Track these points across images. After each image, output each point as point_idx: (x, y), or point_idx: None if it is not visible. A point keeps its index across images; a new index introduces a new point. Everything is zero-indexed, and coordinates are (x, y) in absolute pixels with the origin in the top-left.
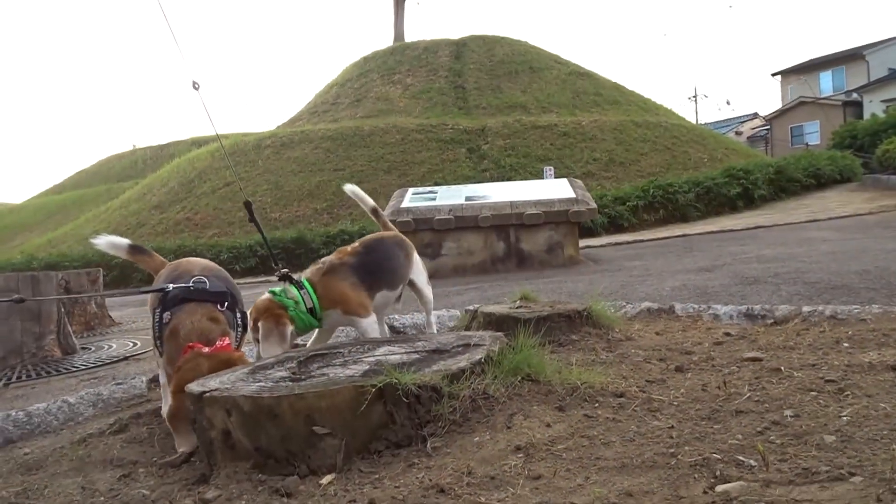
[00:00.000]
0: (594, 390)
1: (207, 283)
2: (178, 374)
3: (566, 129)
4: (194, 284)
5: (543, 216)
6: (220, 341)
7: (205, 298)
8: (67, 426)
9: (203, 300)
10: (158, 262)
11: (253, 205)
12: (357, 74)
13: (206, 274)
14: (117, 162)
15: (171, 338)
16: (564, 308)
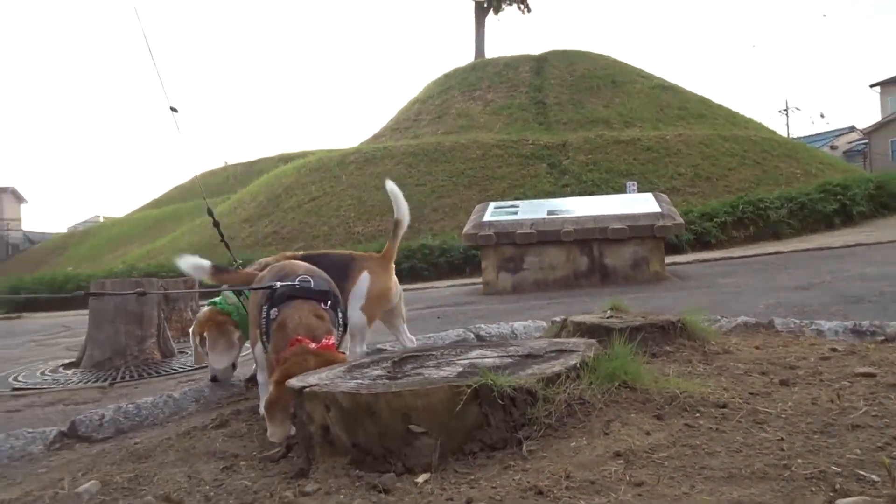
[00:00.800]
0: (694, 400)
1: (312, 282)
2: (283, 366)
3: (650, 144)
4: (300, 283)
5: (628, 231)
6: (325, 339)
7: (309, 296)
8: (172, 419)
9: (308, 297)
10: (247, 274)
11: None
12: (438, 91)
13: (310, 274)
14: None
15: (279, 330)
16: (658, 319)
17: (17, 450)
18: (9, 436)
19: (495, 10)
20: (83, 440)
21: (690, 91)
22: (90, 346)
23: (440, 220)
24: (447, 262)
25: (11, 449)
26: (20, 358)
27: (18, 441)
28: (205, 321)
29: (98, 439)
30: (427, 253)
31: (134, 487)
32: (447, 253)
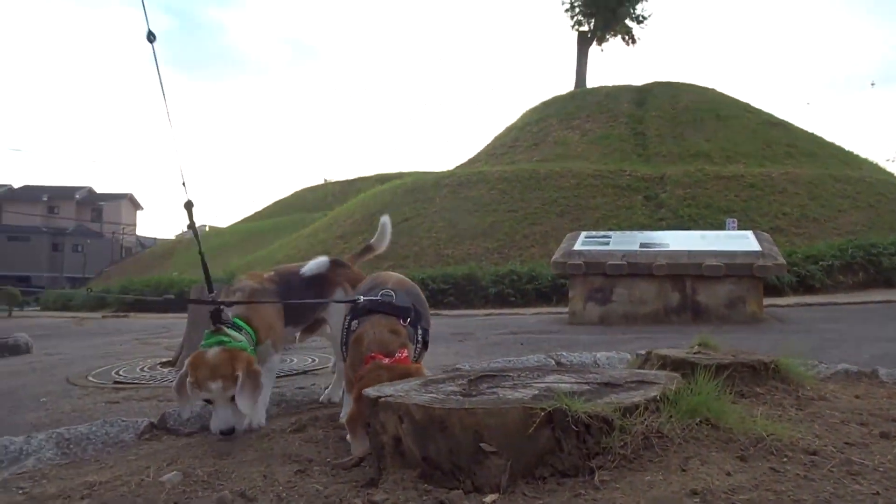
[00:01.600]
0: (782, 444)
1: (395, 296)
2: (359, 383)
3: (753, 181)
4: (382, 297)
5: (724, 268)
6: (399, 353)
7: (390, 311)
8: None
9: (388, 313)
10: (356, 275)
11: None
12: (536, 119)
13: (396, 288)
14: (310, 194)
15: (355, 344)
16: (748, 358)
17: (112, 436)
18: (105, 423)
19: (599, 41)
20: (171, 433)
21: (800, 128)
22: (186, 346)
23: (530, 248)
24: (535, 289)
25: (106, 435)
26: (124, 354)
27: (113, 428)
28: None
29: (184, 433)
30: (515, 279)
31: (212, 482)
32: (535, 280)
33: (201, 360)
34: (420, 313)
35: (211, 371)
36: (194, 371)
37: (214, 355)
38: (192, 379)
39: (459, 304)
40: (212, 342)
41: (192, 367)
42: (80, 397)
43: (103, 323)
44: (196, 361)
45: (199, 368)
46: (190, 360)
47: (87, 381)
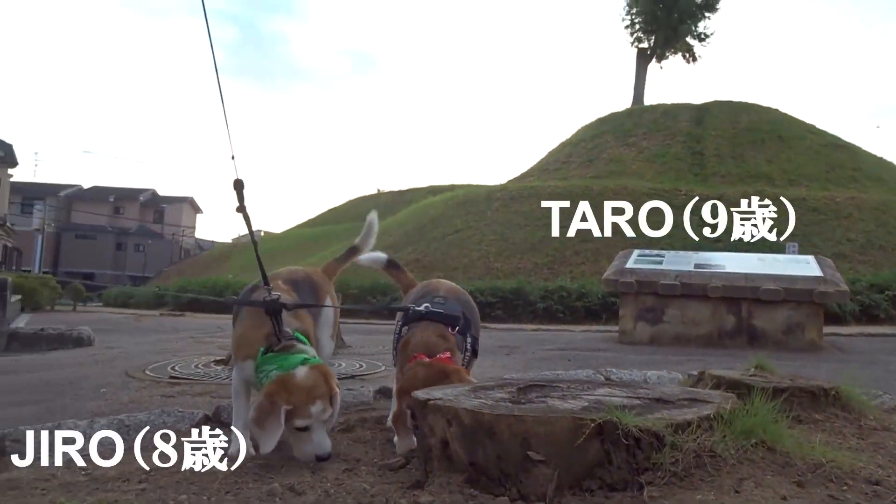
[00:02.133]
0: (842, 471)
1: (446, 304)
2: (400, 380)
3: (816, 205)
4: (433, 307)
5: (783, 293)
6: (441, 355)
7: (439, 319)
8: None
9: (438, 321)
10: (409, 280)
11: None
12: (591, 135)
13: (448, 296)
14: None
15: (403, 349)
16: (807, 383)
17: (168, 426)
18: (162, 412)
19: (659, 59)
20: (224, 426)
21: (868, 151)
22: None
23: (581, 264)
24: (584, 306)
25: (163, 424)
26: (179, 351)
27: (170, 418)
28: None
29: None
30: (564, 295)
31: (263, 474)
32: (585, 297)
33: (293, 383)
34: (470, 322)
35: (308, 394)
36: (288, 396)
37: (307, 376)
38: (287, 406)
39: (507, 318)
40: (296, 361)
41: (284, 392)
42: (138, 389)
43: (161, 321)
44: (287, 385)
45: (294, 393)
46: (276, 385)
47: (145, 374)
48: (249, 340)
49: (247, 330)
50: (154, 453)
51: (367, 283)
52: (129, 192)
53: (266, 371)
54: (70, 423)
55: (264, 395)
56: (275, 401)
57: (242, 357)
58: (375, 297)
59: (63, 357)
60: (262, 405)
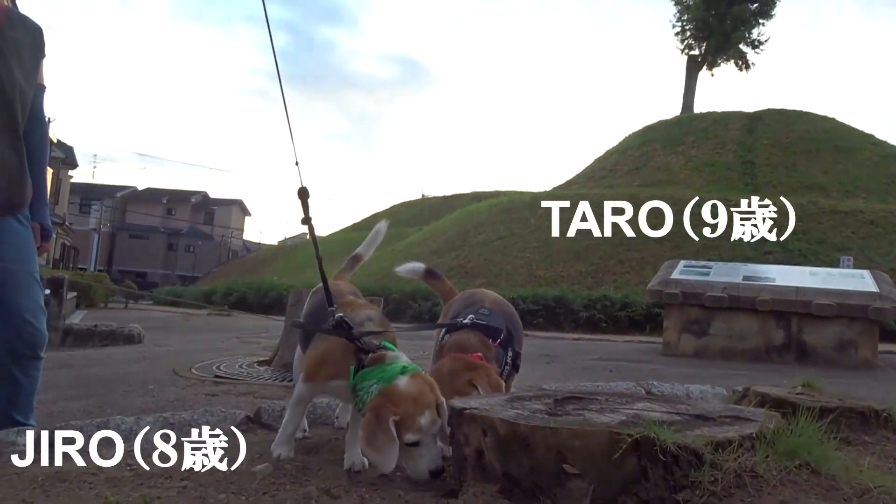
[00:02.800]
0: (891, 498)
1: (490, 315)
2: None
3: (874, 218)
4: (478, 317)
5: (836, 308)
6: (475, 353)
7: (482, 331)
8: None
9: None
10: (448, 288)
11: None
12: (639, 143)
13: (492, 308)
14: (407, 209)
15: (440, 353)
16: (857, 404)
17: (211, 425)
18: (206, 411)
19: (710, 66)
20: (265, 427)
21: None
22: (283, 348)
23: (625, 273)
24: (627, 316)
25: (206, 423)
26: (225, 350)
27: (213, 417)
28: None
29: (276, 428)
30: (608, 305)
31: (300, 476)
32: (628, 307)
33: (397, 393)
34: (512, 335)
35: (415, 403)
36: (394, 408)
37: (410, 385)
38: (394, 417)
39: (549, 326)
40: (395, 371)
41: (390, 405)
42: (183, 387)
43: (208, 320)
44: (391, 397)
45: (400, 403)
46: (380, 398)
47: (191, 373)
48: (335, 359)
49: (332, 348)
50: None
51: (408, 288)
52: (182, 194)
53: (365, 388)
54: (118, 420)
55: (369, 412)
56: (381, 414)
57: (327, 377)
58: (417, 302)
59: (114, 353)
60: (369, 423)
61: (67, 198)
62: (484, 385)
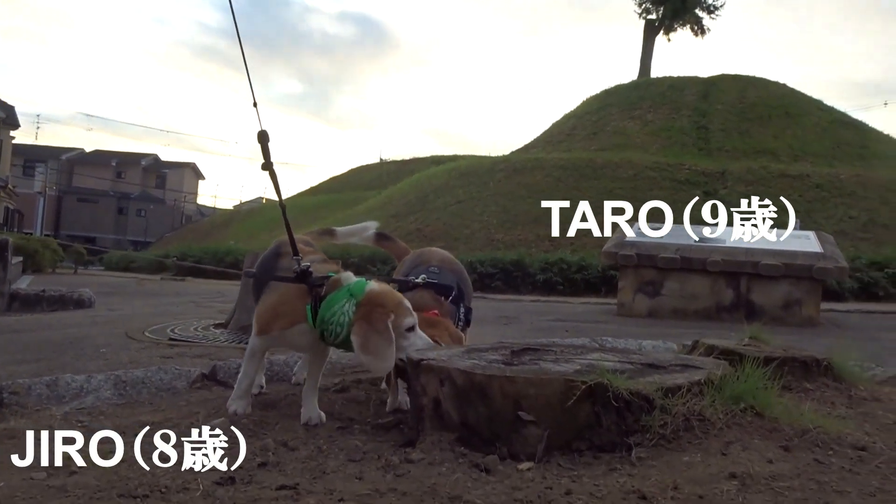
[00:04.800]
0: (829, 437)
1: (439, 274)
2: None
3: (820, 182)
4: (429, 276)
5: (783, 268)
6: (432, 311)
7: (434, 289)
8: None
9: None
10: (402, 249)
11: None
12: (597, 107)
13: (441, 266)
14: (366, 172)
15: None
16: (800, 353)
17: (165, 382)
18: (160, 369)
19: (667, 30)
20: (220, 384)
21: (876, 129)
22: (239, 310)
23: (582, 237)
24: (584, 279)
25: (160, 381)
26: (180, 314)
27: (167, 375)
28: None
29: (232, 385)
30: (564, 267)
31: (257, 430)
32: (584, 270)
33: (380, 294)
34: (463, 292)
35: (396, 298)
36: (384, 308)
37: (382, 288)
38: (391, 316)
39: (507, 289)
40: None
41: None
42: (137, 350)
43: (162, 285)
44: (376, 299)
45: (387, 303)
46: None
47: (144, 336)
48: (290, 306)
49: (284, 295)
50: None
51: (367, 252)
52: (132, 157)
53: (338, 310)
54: (68, 378)
55: (361, 320)
56: (374, 316)
57: (284, 325)
58: (375, 266)
59: (64, 318)
60: (362, 329)
61: (10, 160)
62: (446, 340)
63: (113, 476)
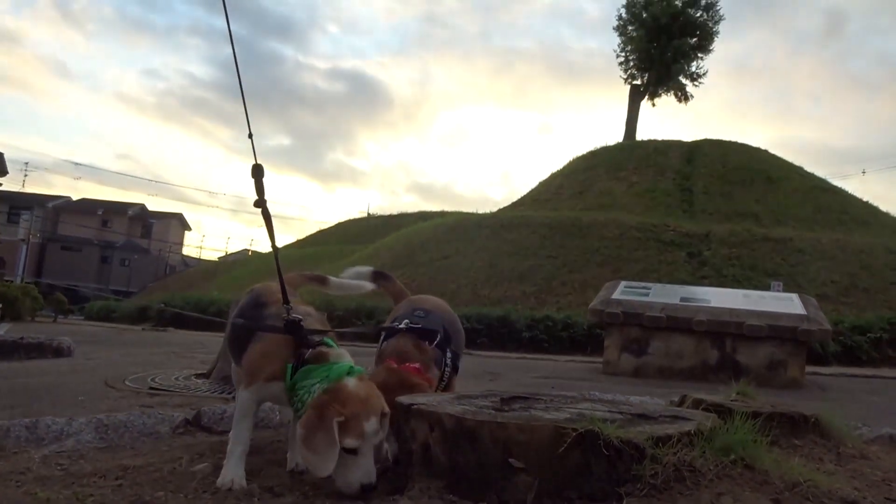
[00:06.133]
0: (819, 491)
1: (426, 318)
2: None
3: (802, 246)
4: (413, 321)
5: (767, 329)
6: (411, 364)
7: (418, 334)
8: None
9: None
10: (398, 289)
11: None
12: (583, 168)
13: (432, 311)
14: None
15: (378, 359)
16: (788, 409)
17: (148, 427)
18: (142, 414)
19: (651, 96)
20: (204, 430)
21: (855, 196)
22: (222, 360)
23: (568, 295)
24: (569, 337)
25: (143, 425)
26: (161, 364)
27: (150, 420)
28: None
29: (217, 431)
30: (550, 325)
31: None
32: (571, 328)
33: (345, 393)
34: (451, 336)
35: (363, 406)
36: (340, 408)
37: (359, 387)
38: (339, 418)
39: (492, 345)
40: (343, 370)
41: (336, 404)
42: (116, 399)
43: (143, 335)
44: (338, 396)
45: (347, 404)
46: (326, 396)
47: (124, 384)
48: (274, 358)
49: (270, 347)
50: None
51: (352, 304)
52: (118, 206)
53: (307, 386)
54: (48, 420)
55: (312, 409)
56: (325, 413)
57: (266, 377)
58: (360, 320)
59: (42, 365)
60: (310, 420)
61: None
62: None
63: None
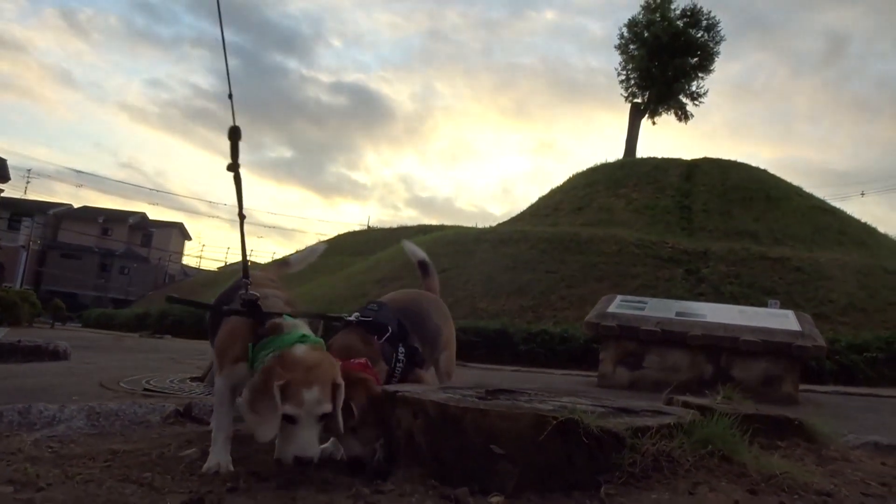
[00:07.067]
0: (795, 483)
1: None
2: None
3: (800, 265)
4: (364, 314)
5: (761, 345)
6: (359, 360)
7: (369, 327)
8: None
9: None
10: (431, 286)
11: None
12: (583, 184)
13: (388, 304)
14: (353, 238)
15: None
16: (772, 412)
17: (139, 416)
18: (133, 403)
19: (652, 114)
20: (195, 420)
21: (853, 217)
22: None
23: (565, 309)
24: (566, 350)
25: (134, 414)
26: (157, 369)
27: (141, 409)
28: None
29: (207, 422)
30: (547, 339)
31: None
32: (567, 342)
33: (290, 358)
34: (406, 331)
35: (306, 373)
36: (282, 372)
37: (307, 353)
38: (281, 383)
39: (489, 358)
40: (294, 338)
41: (279, 368)
42: (111, 399)
43: (140, 342)
44: (283, 361)
45: (291, 369)
46: (272, 361)
47: (119, 386)
48: (237, 340)
49: (232, 329)
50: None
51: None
52: (119, 214)
53: (261, 357)
54: (41, 406)
55: (259, 374)
56: (268, 377)
57: (232, 360)
58: None
59: (38, 367)
60: (254, 384)
61: None
62: (362, 401)
63: (81, 492)
